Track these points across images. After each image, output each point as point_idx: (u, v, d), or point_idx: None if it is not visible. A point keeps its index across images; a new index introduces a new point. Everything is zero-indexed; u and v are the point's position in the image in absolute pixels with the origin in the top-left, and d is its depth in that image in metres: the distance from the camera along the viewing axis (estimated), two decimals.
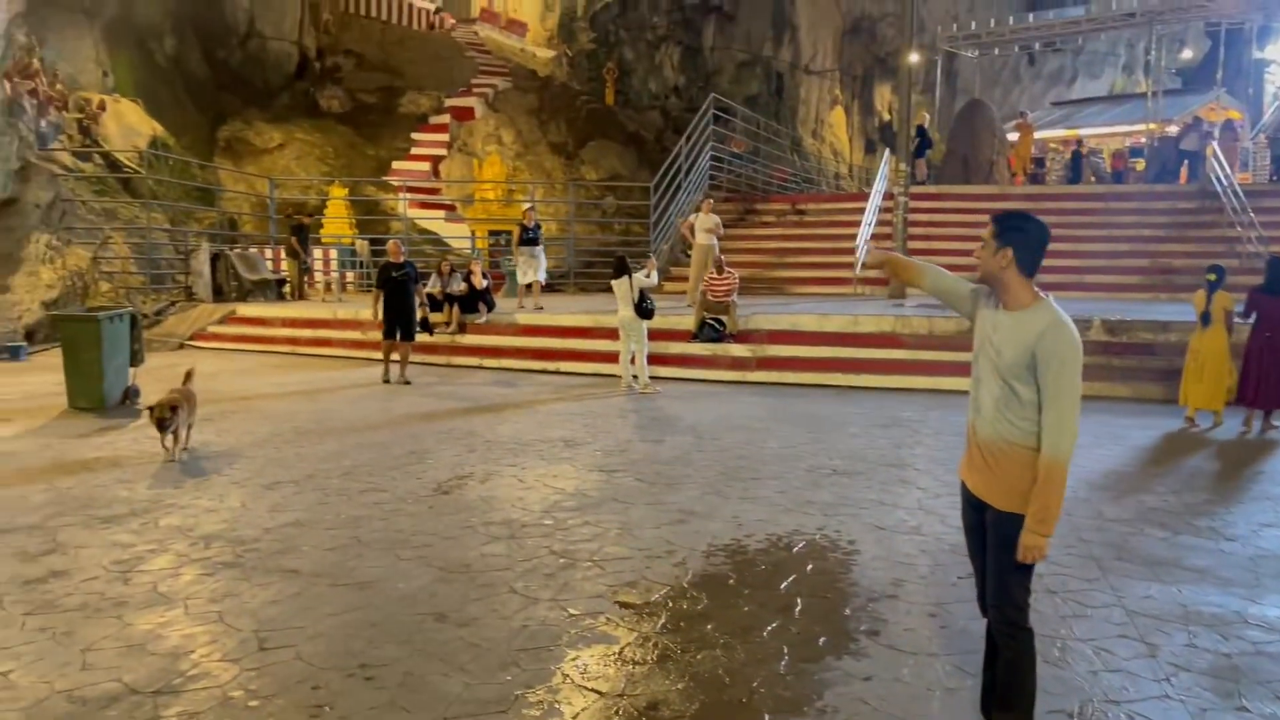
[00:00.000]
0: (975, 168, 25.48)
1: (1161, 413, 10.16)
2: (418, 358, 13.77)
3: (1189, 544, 5.55)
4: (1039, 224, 3.16)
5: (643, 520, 6.03)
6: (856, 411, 10.21)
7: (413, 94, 27.38)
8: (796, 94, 34.80)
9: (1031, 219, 3.17)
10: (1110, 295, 17.18)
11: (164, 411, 7.54)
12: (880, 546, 5.51)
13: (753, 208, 23.27)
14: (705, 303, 13.41)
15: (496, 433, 8.92)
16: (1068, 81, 42.66)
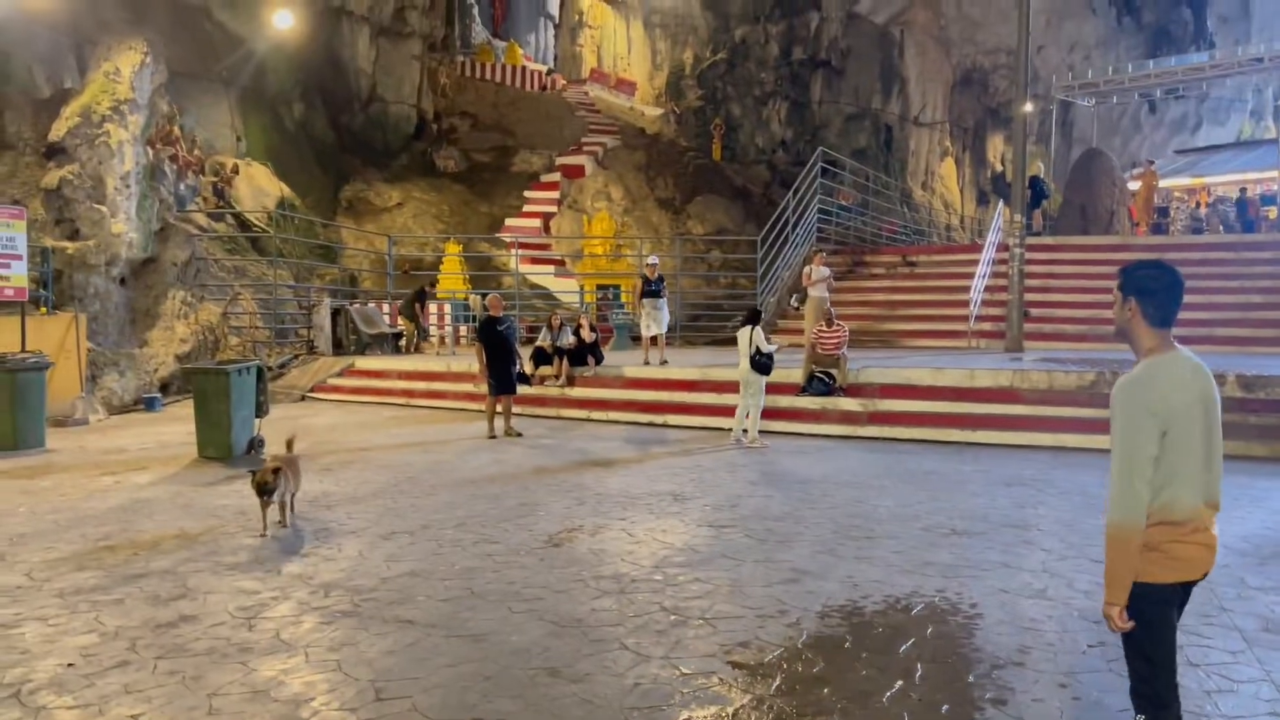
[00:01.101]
0: (1094, 218, 24.74)
1: None
2: (527, 410, 13.98)
3: None
4: (1164, 272, 3.07)
5: (754, 578, 5.94)
6: (974, 469, 9.90)
7: (525, 153, 28.20)
8: (905, 146, 34.52)
9: (1155, 266, 3.09)
10: (1242, 349, 16.36)
11: (266, 476, 7.00)
12: (1004, 610, 5.29)
13: (862, 260, 23.07)
14: (814, 355, 13.27)
15: (605, 485, 8.95)
16: (1191, 129, 41.23)
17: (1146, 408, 2.94)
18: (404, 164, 26.96)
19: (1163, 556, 2.99)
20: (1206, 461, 3.02)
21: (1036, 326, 17.77)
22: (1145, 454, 2.92)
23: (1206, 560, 3.05)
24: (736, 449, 11.20)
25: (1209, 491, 3.03)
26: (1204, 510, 3.02)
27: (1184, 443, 2.96)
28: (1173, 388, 2.98)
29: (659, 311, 15.20)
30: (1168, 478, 2.97)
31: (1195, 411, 2.99)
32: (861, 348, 17.83)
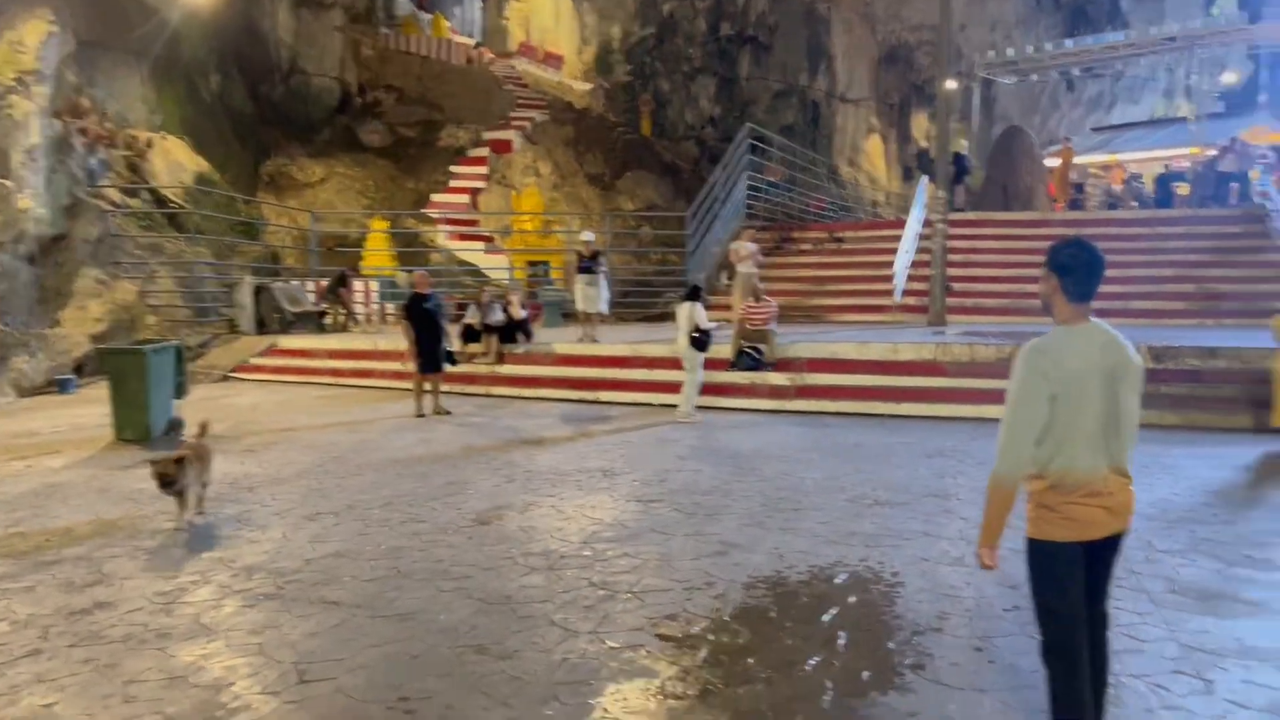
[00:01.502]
0: (1015, 194, 25.27)
1: (1210, 440, 9.95)
2: (457, 388, 13.85)
3: (1244, 576, 5.40)
4: (1084, 251, 3.23)
5: (682, 552, 5.98)
6: (898, 441, 10.09)
7: (451, 128, 27.76)
8: (833, 122, 34.81)
9: (1077, 245, 3.25)
10: (1155, 321, 16.91)
11: (167, 468, 6.40)
12: (924, 578, 5.42)
13: (790, 236, 23.25)
14: (743, 331, 13.37)
15: (535, 463, 8.93)
16: (1107, 107, 42.27)
17: (1039, 371, 3.11)
18: (327, 138, 26.35)
19: (1059, 516, 3.17)
20: (1110, 429, 3.15)
21: (959, 301, 18.13)
22: (1030, 415, 3.12)
23: (1106, 523, 3.18)
24: (668, 425, 11.25)
25: (1114, 457, 3.17)
26: (1108, 475, 3.16)
27: (1075, 409, 3.11)
28: (1070, 356, 3.14)
29: (595, 289, 15.10)
30: (1060, 442, 3.14)
31: (1091, 380, 3.12)
32: (790, 323, 18.00)
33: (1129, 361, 3.20)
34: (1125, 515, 3.23)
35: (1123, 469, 3.21)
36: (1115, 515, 3.20)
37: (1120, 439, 3.18)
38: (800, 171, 26.78)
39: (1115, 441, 3.17)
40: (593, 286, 15.07)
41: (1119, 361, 3.18)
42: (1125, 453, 3.21)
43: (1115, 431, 3.17)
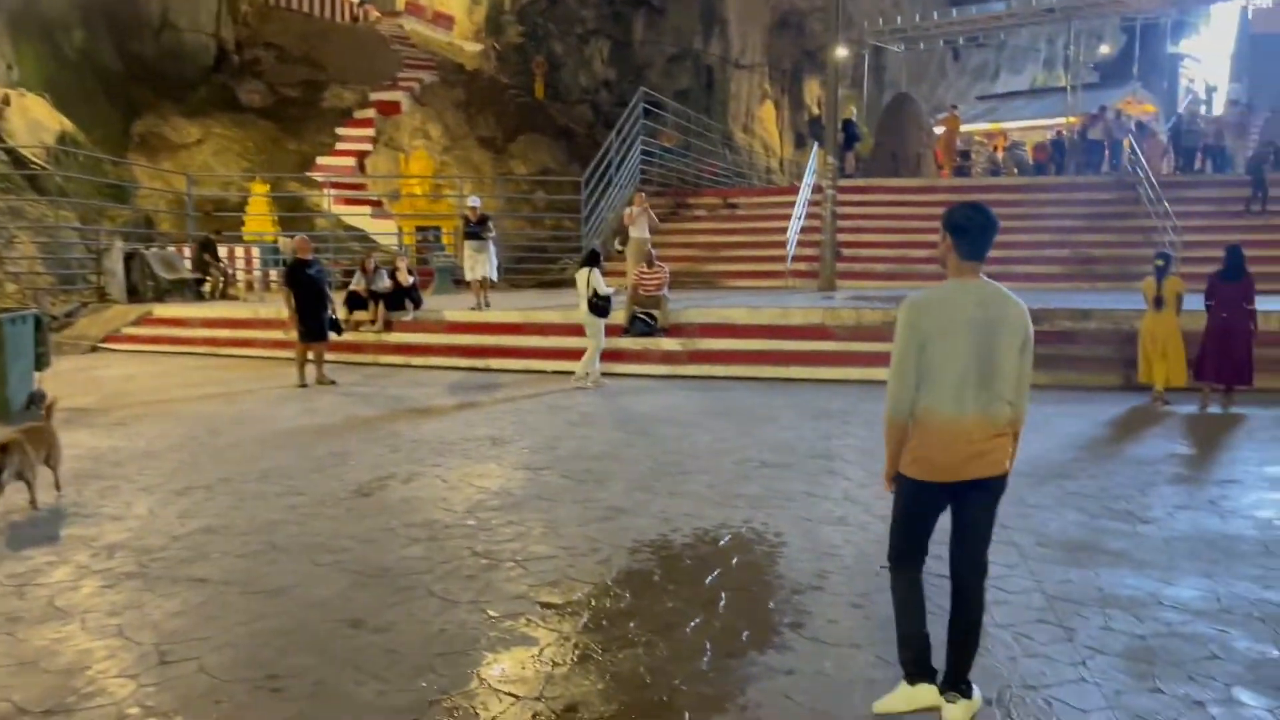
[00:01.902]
0: (903, 161, 25.81)
1: (1080, 399, 10.37)
2: (342, 357, 13.48)
3: (1107, 527, 5.62)
4: (978, 213, 3.34)
5: (568, 518, 5.92)
6: (786, 404, 10.22)
7: (336, 88, 26.84)
8: (727, 88, 34.86)
9: (971, 208, 3.36)
10: (1034, 285, 17.50)
11: None
12: (806, 538, 5.48)
13: (684, 202, 23.28)
14: (636, 297, 13.33)
15: (421, 432, 8.73)
16: (991, 76, 43.47)
17: (911, 323, 3.30)
18: (203, 97, 25.14)
19: (916, 455, 3.36)
20: (979, 379, 3.24)
21: (848, 266, 18.45)
22: (905, 361, 3.30)
23: (962, 468, 3.28)
24: (561, 391, 11.16)
25: (982, 406, 3.26)
26: (973, 422, 3.25)
27: (942, 358, 3.25)
28: (941, 309, 3.29)
29: (482, 254, 14.71)
30: (929, 387, 3.29)
31: (959, 332, 3.23)
32: (684, 289, 18.06)
33: (1007, 317, 3.26)
34: (987, 464, 3.29)
35: (993, 418, 3.27)
36: (974, 462, 3.28)
37: (992, 390, 3.25)
38: (695, 137, 26.79)
39: (985, 392, 3.25)
40: (480, 253, 14.67)
41: (996, 316, 3.25)
42: (997, 404, 3.27)
43: (986, 382, 3.25)
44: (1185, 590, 4.58)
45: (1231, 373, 10.01)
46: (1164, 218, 17.67)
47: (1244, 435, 8.49)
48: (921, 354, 3.27)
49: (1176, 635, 4.06)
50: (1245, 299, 10.02)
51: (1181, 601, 4.44)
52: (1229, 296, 10.01)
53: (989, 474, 3.32)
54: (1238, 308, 9.98)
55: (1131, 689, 3.57)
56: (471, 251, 14.72)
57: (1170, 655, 3.86)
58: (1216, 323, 10.12)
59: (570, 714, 3.48)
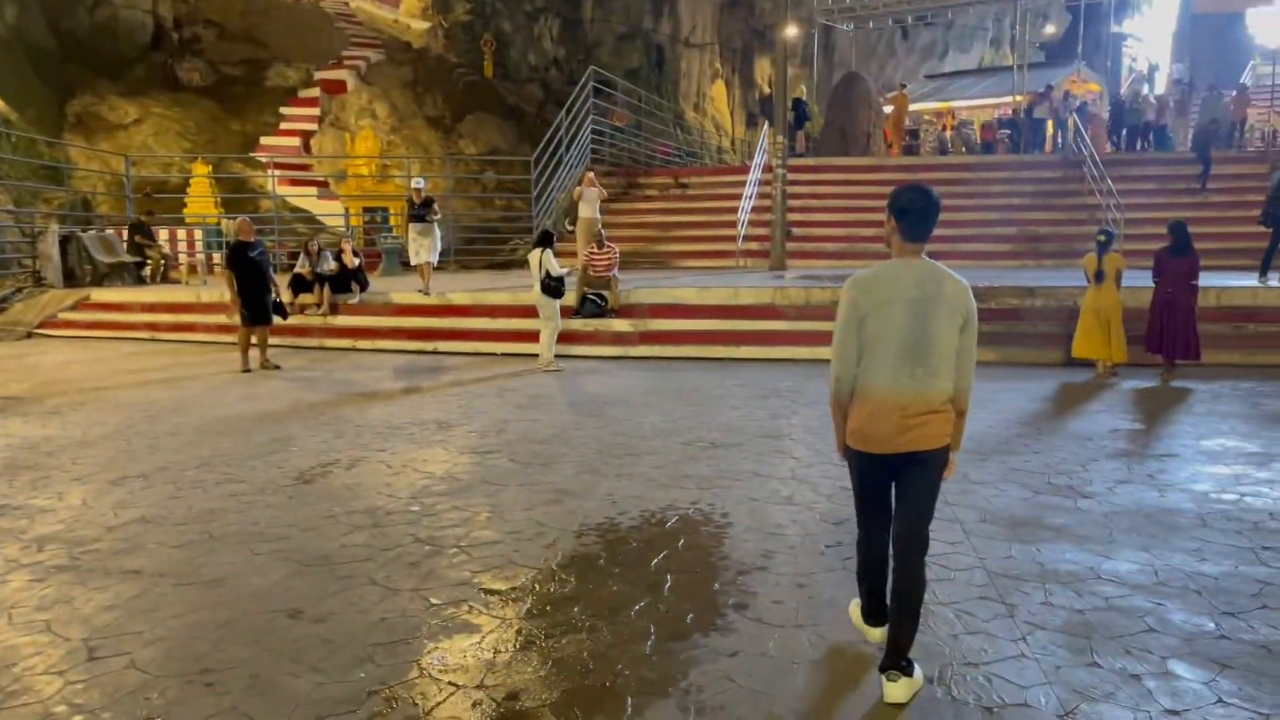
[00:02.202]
0: (853, 140, 25.89)
1: (1025, 375, 10.50)
2: (287, 341, 13.27)
3: (1048, 503, 5.69)
4: (920, 196, 3.39)
5: (514, 503, 5.86)
6: (736, 383, 10.22)
7: (280, 66, 26.29)
8: (677, 67, 34.75)
9: (914, 190, 3.43)
10: (981, 263, 17.70)
11: None
12: (753, 518, 5.48)
13: (636, 181, 23.19)
14: (586, 278, 13.25)
15: (367, 416, 8.60)
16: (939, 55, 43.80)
17: (851, 300, 3.40)
18: (141, 76, 24.49)
19: (850, 427, 3.51)
20: (915, 355, 3.31)
21: (799, 245, 18.51)
22: (846, 337, 3.41)
23: (894, 440, 3.37)
24: (511, 375, 11.06)
25: (919, 381, 3.33)
26: (909, 396, 3.33)
27: (879, 334, 3.34)
28: (880, 286, 3.37)
29: (426, 238, 14.31)
30: (867, 361, 3.40)
31: (896, 308, 3.31)
32: (635, 269, 18.02)
33: (944, 295, 3.32)
34: (922, 437, 3.35)
35: (927, 394, 3.34)
36: (908, 435, 3.35)
37: (928, 365, 3.32)
38: (646, 116, 26.67)
39: (920, 368, 3.32)
40: (425, 236, 14.26)
41: (933, 294, 3.31)
42: (932, 380, 3.33)
43: (921, 358, 3.31)
44: (1124, 564, 4.64)
45: (1176, 347, 10.27)
46: (1108, 195, 17.92)
47: (1183, 410, 8.64)
48: (861, 330, 3.37)
49: (1114, 609, 4.11)
50: (1191, 275, 10.29)
51: (1120, 575, 4.50)
52: (1176, 272, 10.28)
53: (924, 448, 3.37)
54: (1183, 283, 10.27)
55: (1070, 663, 3.60)
56: (415, 235, 14.30)
57: (1108, 629, 3.90)
58: (1161, 297, 10.39)
59: (511, 702, 3.43)
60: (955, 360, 3.36)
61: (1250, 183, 19.45)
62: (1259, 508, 5.53)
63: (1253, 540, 4.97)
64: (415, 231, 14.28)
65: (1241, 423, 7.92)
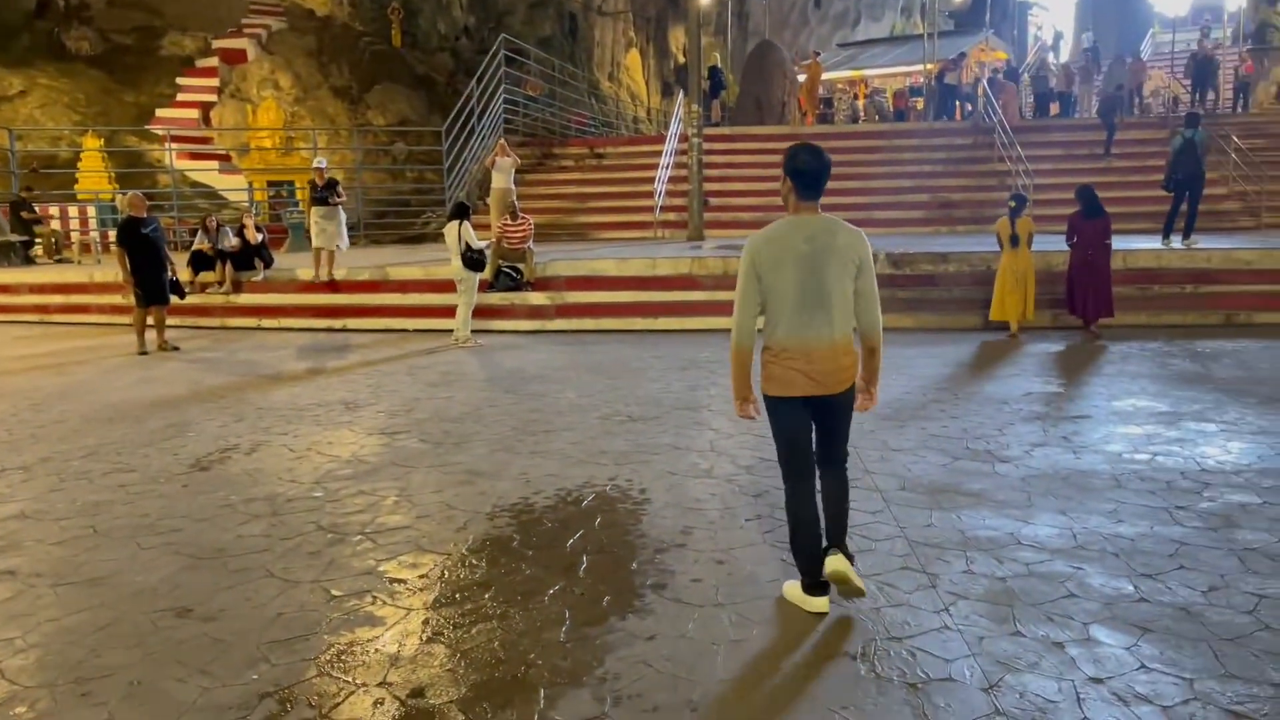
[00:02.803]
0: (768, 108, 25.85)
1: (941, 340, 10.56)
2: (187, 320, 12.73)
3: (967, 468, 5.66)
4: (813, 156, 3.62)
5: (423, 485, 5.62)
6: (655, 356, 10.08)
7: (175, 35, 25.24)
8: (591, 36, 34.28)
9: (806, 150, 3.63)
10: (896, 230, 17.83)
11: None
12: (671, 493, 5.33)
13: (550, 152, 22.79)
14: (500, 250, 12.93)
15: (270, 399, 8.23)
16: (852, 24, 44.06)
17: (748, 258, 3.63)
18: (26, 45, 23.25)
19: (769, 375, 3.70)
20: (813, 304, 3.57)
21: (716, 215, 18.40)
22: (746, 292, 3.62)
23: (804, 384, 3.62)
24: (423, 352, 10.74)
25: (819, 329, 3.58)
26: (812, 344, 3.59)
27: (775, 287, 3.59)
28: (774, 242, 3.61)
29: (331, 222, 13.22)
30: (770, 313, 3.65)
31: (790, 262, 3.56)
32: (553, 241, 17.74)
33: (836, 246, 3.55)
34: (831, 381, 3.63)
35: (830, 339, 3.60)
36: (817, 380, 3.62)
37: (826, 313, 3.57)
38: (560, 86, 26.22)
39: (820, 315, 3.57)
40: (329, 220, 13.21)
41: (825, 246, 3.55)
42: (832, 326, 3.59)
43: (820, 306, 3.57)
44: (1042, 529, 4.61)
45: (1096, 306, 10.59)
46: (1018, 162, 18.18)
47: (1094, 371, 8.76)
48: (761, 285, 3.60)
49: (1035, 575, 4.06)
50: (1105, 235, 10.62)
51: (1039, 540, 4.46)
52: (1091, 234, 10.56)
53: (834, 391, 3.65)
54: (1099, 244, 10.58)
55: (993, 633, 3.53)
56: (319, 218, 13.22)
57: (1030, 596, 3.85)
58: (1079, 259, 10.65)
59: (416, 699, 3.23)
60: (855, 304, 3.62)
61: (1152, 148, 19.94)
62: (1170, 467, 5.58)
63: (1166, 500, 4.99)
64: (318, 215, 13.30)
65: (1150, 383, 8.05)
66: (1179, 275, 12.03)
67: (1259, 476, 5.36)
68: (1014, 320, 10.79)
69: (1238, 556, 4.22)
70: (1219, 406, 7.07)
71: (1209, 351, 9.45)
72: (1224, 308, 11.43)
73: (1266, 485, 5.21)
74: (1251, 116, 22.53)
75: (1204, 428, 6.46)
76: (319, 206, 13.24)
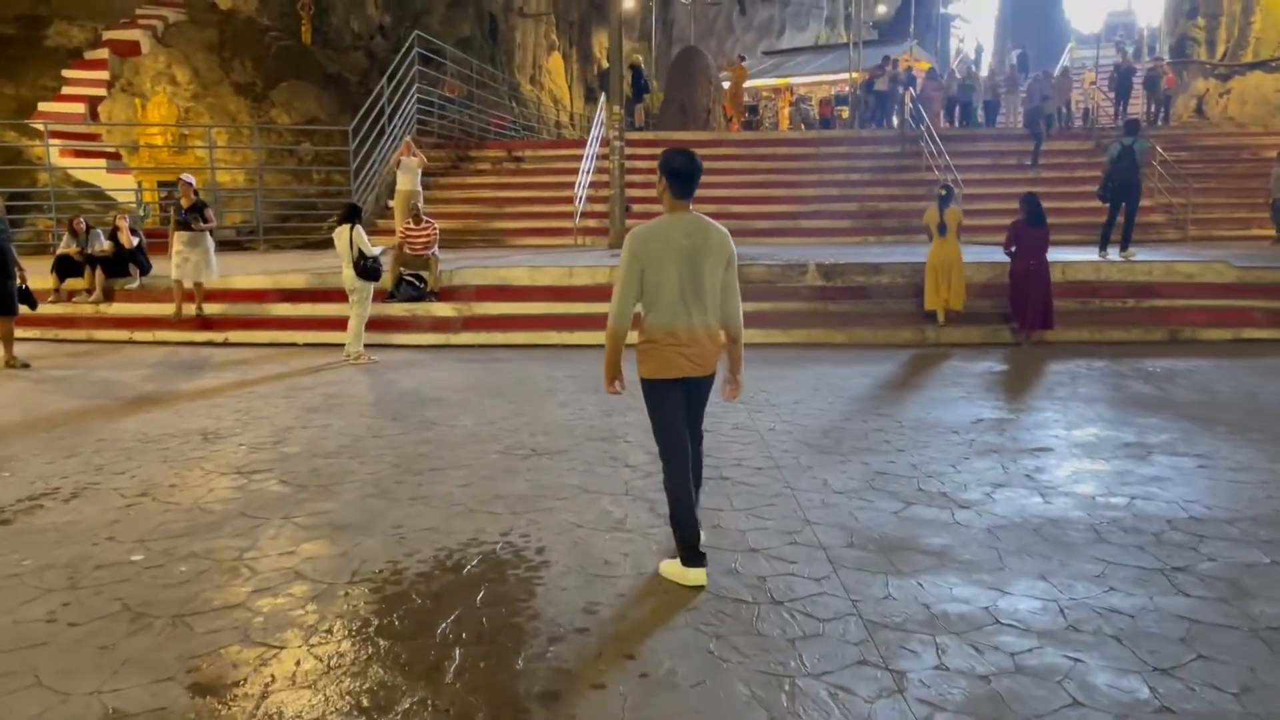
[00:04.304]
0: (693, 115, 25.18)
1: (874, 358, 9.81)
2: (49, 332, 11.46)
3: (923, 516, 4.84)
4: (686, 159, 3.90)
5: (270, 545, 4.59)
6: (568, 374, 9.14)
7: (62, 24, 23.44)
8: (512, 38, 33.24)
9: (680, 154, 3.92)
10: (824, 240, 17.21)
11: None
12: (575, 553, 4.40)
13: (466, 155, 21.71)
14: (402, 257, 11.86)
15: (116, 428, 7.07)
16: (777, 33, 43.78)
17: (631, 251, 3.87)
18: None
19: (647, 358, 3.98)
20: (690, 294, 3.87)
21: (638, 221, 17.50)
22: (627, 282, 3.89)
23: (686, 367, 3.93)
24: (313, 371, 9.63)
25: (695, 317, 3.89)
26: (690, 330, 3.89)
27: (658, 279, 3.86)
28: (655, 238, 3.86)
29: (193, 250, 11.29)
30: (650, 303, 3.92)
31: (669, 256, 3.83)
32: (468, 248, 16.72)
33: (710, 242, 3.88)
34: (705, 363, 3.98)
35: (706, 327, 3.93)
36: (695, 362, 3.95)
37: (701, 303, 3.89)
38: (479, 88, 25.16)
39: (696, 304, 3.89)
40: (193, 248, 11.28)
41: (701, 242, 3.87)
42: (707, 315, 3.92)
43: (696, 296, 3.88)
44: (1022, 600, 3.80)
45: (1038, 317, 10.35)
46: (946, 170, 17.69)
47: (1044, 394, 8.07)
48: (643, 277, 3.87)
49: (1024, 671, 3.22)
50: (1045, 244, 10.42)
51: (1021, 618, 3.64)
52: (1034, 241, 10.36)
53: (708, 372, 4.01)
54: (1041, 252, 10.38)
55: None
56: (180, 246, 11.24)
57: (1023, 706, 3.00)
58: (1022, 267, 10.39)
59: None
60: (723, 296, 3.95)
61: (1077, 159, 19.76)
62: (1154, 514, 4.83)
63: (1159, 558, 4.23)
64: (181, 242, 11.24)
65: (1107, 408, 7.37)
66: (1120, 289, 11.51)
67: (1255, 526, 4.65)
68: (940, 309, 10.79)
69: (1261, 639, 3.45)
70: (1188, 437, 6.39)
71: (1161, 372, 8.85)
72: (1168, 323, 10.91)
73: (1266, 538, 4.49)
74: (1173, 129, 22.53)
75: (1179, 463, 5.75)
76: (183, 231, 11.27)
